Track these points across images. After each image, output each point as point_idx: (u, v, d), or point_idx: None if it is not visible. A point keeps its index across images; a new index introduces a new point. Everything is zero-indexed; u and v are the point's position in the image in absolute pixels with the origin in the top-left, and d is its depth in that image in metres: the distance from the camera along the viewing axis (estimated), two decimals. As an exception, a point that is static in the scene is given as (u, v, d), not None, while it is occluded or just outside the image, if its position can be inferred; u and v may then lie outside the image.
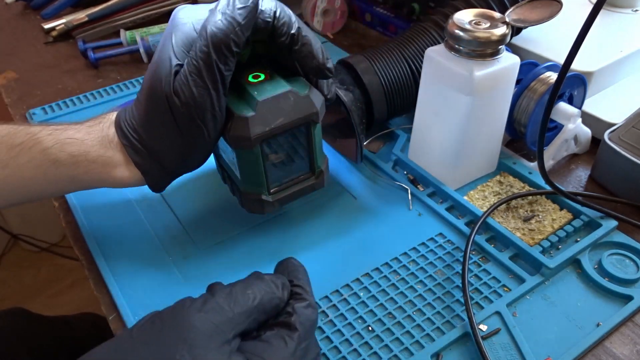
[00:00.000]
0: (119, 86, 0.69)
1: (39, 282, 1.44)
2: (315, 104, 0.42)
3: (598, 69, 0.58)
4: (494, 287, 0.43)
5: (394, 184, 0.53)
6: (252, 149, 0.41)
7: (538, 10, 0.46)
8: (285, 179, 0.45)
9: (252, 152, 0.42)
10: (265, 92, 0.41)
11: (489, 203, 0.50)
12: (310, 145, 0.45)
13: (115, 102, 0.66)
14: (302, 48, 0.42)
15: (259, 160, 0.42)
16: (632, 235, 0.47)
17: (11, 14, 0.92)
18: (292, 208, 0.51)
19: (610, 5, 0.70)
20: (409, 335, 0.40)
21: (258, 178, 0.44)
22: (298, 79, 0.44)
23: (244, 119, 0.40)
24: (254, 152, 0.42)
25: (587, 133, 0.56)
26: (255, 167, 0.43)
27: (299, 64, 0.43)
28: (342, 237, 0.48)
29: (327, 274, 0.45)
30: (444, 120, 0.49)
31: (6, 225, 1.44)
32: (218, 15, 0.38)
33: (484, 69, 0.45)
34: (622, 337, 0.41)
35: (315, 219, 0.50)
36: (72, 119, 0.63)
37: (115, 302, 0.43)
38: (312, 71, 0.43)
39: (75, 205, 0.51)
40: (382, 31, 0.81)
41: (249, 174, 0.44)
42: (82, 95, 0.67)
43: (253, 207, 0.45)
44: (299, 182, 0.46)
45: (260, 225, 0.50)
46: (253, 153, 0.42)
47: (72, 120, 0.45)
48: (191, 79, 0.38)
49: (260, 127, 0.40)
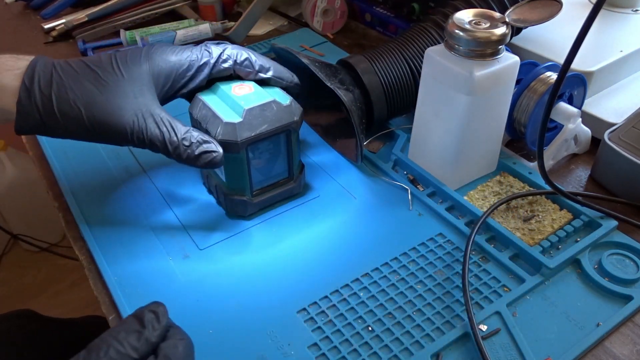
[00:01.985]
0: (119, 86, 0.69)
1: (39, 282, 1.44)
2: (295, 114, 0.47)
3: (598, 69, 0.58)
4: (494, 287, 0.43)
5: (394, 184, 0.53)
6: (238, 153, 0.45)
7: (538, 10, 0.46)
8: (266, 183, 0.50)
9: (238, 156, 0.46)
10: (250, 101, 0.45)
11: (489, 203, 0.50)
12: (290, 152, 0.49)
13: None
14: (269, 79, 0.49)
15: (244, 163, 0.47)
16: (632, 235, 0.47)
17: (11, 14, 0.92)
18: (292, 208, 0.51)
19: (610, 5, 0.70)
20: (409, 335, 0.40)
21: (242, 181, 0.48)
22: (278, 90, 0.49)
23: (232, 124, 0.44)
24: (240, 155, 0.46)
25: (587, 133, 0.56)
26: (240, 170, 0.47)
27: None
28: (342, 237, 0.48)
29: (327, 274, 0.45)
30: (443, 120, 0.49)
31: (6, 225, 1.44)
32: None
33: (484, 69, 0.45)
34: (622, 337, 0.41)
35: (315, 218, 0.50)
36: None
37: (115, 302, 0.43)
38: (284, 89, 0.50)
39: (75, 206, 0.51)
40: (382, 31, 0.80)
41: (234, 177, 0.48)
42: (82, 95, 0.67)
43: (236, 208, 0.50)
44: (279, 186, 0.51)
45: (261, 225, 0.50)
46: (239, 157, 0.46)
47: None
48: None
49: (246, 132, 0.45)
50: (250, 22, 0.77)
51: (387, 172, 0.54)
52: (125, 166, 0.56)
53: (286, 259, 0.46)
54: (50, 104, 0.43)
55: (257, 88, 0.47)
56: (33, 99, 0.42)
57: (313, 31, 0.80)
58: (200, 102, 0.47)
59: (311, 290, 0.43)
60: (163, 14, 0.82)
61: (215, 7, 0.82)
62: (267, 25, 0.83)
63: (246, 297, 0.43)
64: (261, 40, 0.79)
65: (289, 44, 0.71)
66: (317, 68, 0.51)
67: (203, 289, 0.44)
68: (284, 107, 0.46)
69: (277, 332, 0.41)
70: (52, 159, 0.57)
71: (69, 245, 0.50)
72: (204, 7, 0.82)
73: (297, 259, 0.46)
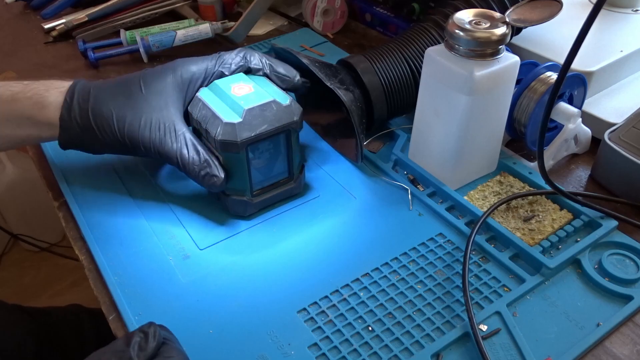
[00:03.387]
0: (119, 86, 0.69)
1: (39, 282, 1.44)
2: (295, 114, 0.47)
3: (598, 69, 0.58)
4: (494, 287, 0.43)
5: (394, 184, 0.53)
6: (238, 152, 0.45)
7: (538, 10, 0.46)
8: (267, 183, 0.50)
9: (238, 156, 0.46)
10: (250, 101, 0.45)
11: (489, 203, 0.50)
12: (290, 152, 0.49)
13: (115, 102, 0.66)
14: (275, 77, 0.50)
15: (244, 163, 0.46)
16: (632, 235, 0.47)
17: (11, 14, 0.92)
18: (292, 208, 0.51)
19: (610, 5, 0.70)
20: (409, 335, 0.40)
21: (243, 181, 0.48)
22: (278, 90, 0.48)
23: (232, 124, 0.44)
24: (240, 155, 0.46)
25: (587, 133, 0.56)
26: (241, 170, 0.47)
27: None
28: (342, 237, 0.48)
29: (327, 274, 0.45)
30: (444, 120, 0.49)
31: (6, 225, 1.44)
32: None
33: (484, 69, 0.45)
34: (622, 337, 0.41)
35: (315, 218, 0.50)
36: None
37: (115, 302, 0.43)
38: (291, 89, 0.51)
39: (75, 205, 0.51)
40: (382, 31, 0.80)
41: (235, 177, 0.47)
42: (82, 95, 0.67)
43: (237, 208, 0.49)
44: (279, 186, 0.50)
45: (261, 225, 0.50)
46: (239, 157, 0.46)
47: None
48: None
49: (246, 133, 0.45)
50: (250, 22, 0.77)
51: (387, 172, 0.54)
52: (126, 166, 0.56)
53: (286, 259, 0.46)
54: (87, 118, 0.46)
55: (256, 88, 0.47)
56: (73, 114, 0.46)
57: (313, 31, 0.80)
58: (200, 102, 0.47)
59: (311, 290, 0.43)
60: (163, 14, 0.82)
61: (215, 7, 0.82)
62: (267, 25, 0.83)
63: (246, 297, 0.43)
64: (261, 40, 0.79)
65: (289, 44, 0.71)
66: (317, 68, 0.51)
67: (203, 289, 0.44)
68: (284, 107, 0.46)
69: (277, 332, 0.41)
70: (52, 159, 0.57)
71: (69, 245, 0.50)
72: (204, 7, 0.82)
73: (297, 259, 0.46)
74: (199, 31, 0.75)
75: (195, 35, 0.75)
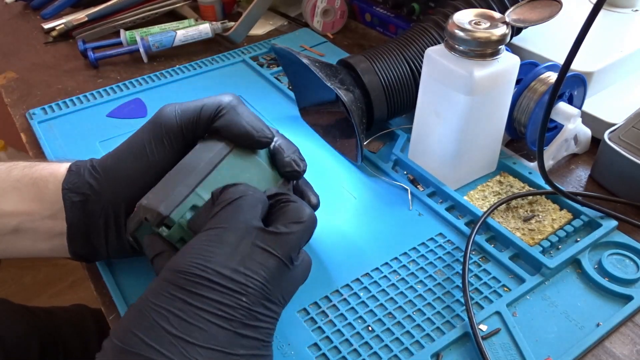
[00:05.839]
0: (118, 86, 0.69)
1: (39, 282, 1.44)
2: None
3: (598, 69, 0.58)
4: (494, 287, 0.43)
5: (394, 184, 0.53)
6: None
7: (538, 10, 0.46)
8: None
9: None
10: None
11: (489, 203, 0.50)
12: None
13: (115, 102, 0.66)
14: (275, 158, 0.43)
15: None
16: (632, 235, 0.47)
17: (11, 14, 0.92)
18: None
19: (610, 5, 0.70)
20: (409, 335, 0.40)
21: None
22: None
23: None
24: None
25: (587, 133, 0.56)
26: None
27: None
28: (342, 237, 0.48)
29: (327, 274, 0.45)
30: (444, 120, 0.49)
31: (6, 225, 1.44)
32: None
33: (484, 69, 0.45)
34: (622, 337, 0.41)
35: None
36: (72, 119, 0.63)
37: (115, 302, 0.43)
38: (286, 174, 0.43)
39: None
40: (382, 31, 0.81)
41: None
42: (82, 95, 0.67)
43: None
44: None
45: (260, 225, 0.49)
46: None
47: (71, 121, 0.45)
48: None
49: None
50: (250, 22, 0.77)
51: (387, 172, 0.54)
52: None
53: (286, 259, 0.46)
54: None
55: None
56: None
57: (313, 31, 0.80)
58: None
59: (311, 290, 0.43)
60: (163, 14, 0.82)
61: (215, 7, 0.82)
62: (267, 25, 0.83)
63: (246, 297, 0.43)
64: (261, 40, 0.79)
65: (289, 44, 0.71)
66: (317, 68, 0.51)
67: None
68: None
69: (276, 331, 0.41)
70: (52, 159, 0.57)
71: (69, 245, 0.50)
72: (204, 7, 0.82)
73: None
74: (199, 31, 0.75)
75: (195, 35, 0.75)
